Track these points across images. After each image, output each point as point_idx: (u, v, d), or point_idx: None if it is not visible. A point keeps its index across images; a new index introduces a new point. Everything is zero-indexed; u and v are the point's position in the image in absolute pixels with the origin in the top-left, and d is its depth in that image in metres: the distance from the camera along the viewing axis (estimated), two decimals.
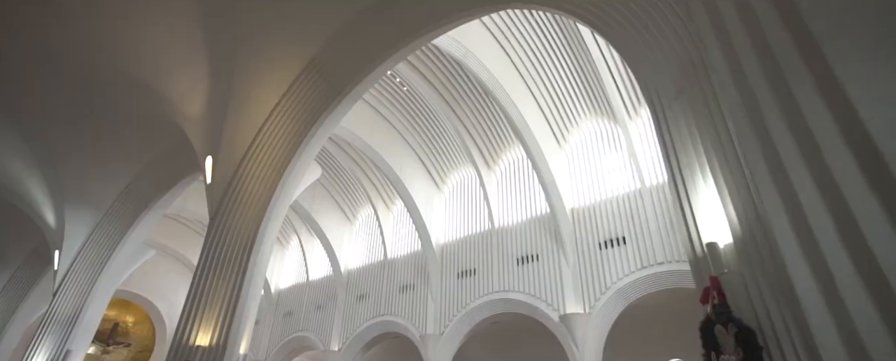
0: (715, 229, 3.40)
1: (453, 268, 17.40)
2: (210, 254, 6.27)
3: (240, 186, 6.81)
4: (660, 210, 13.26)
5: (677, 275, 12.29)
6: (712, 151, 3.31)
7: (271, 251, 7.03)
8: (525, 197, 16.82)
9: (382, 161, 17.25)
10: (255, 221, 6.68)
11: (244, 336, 6.06)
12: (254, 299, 6.34)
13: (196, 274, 6.07)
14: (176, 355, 5.66)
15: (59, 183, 9.75)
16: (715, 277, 3.12)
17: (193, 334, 5.73)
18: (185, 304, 6.04)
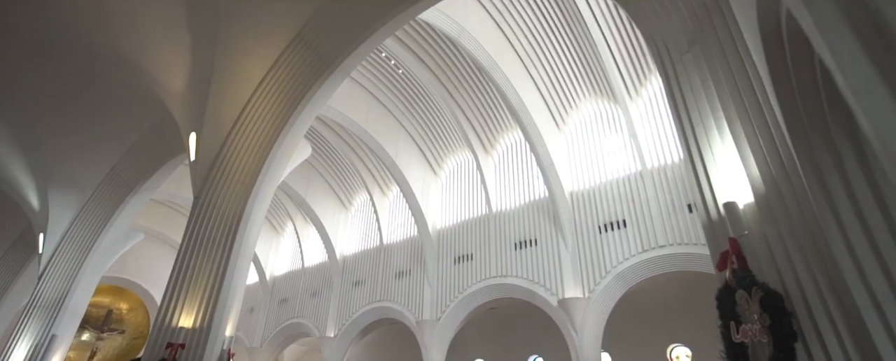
0: (732, 189, 3.14)
1: (450, 254, 17.21)
2: (194, 234, 6.02)
3: (225, 164, 6.53)
4: (661, 192, 13.04)
5: (678, 258, 12.12)
6: (731, 103, 3.03)
7: (259, 231, 6.78)
8: (523, 180, 16.58)
9: (377, 145, 16.95)
10: (241, 199, 6.41)
11: (230, 317, 5.84)
12: (240, 279, 6.11)
13: (179, 254, 5.83)
14: (158, 336, 5.44)
15: (42, 165, 9.44)
16: (734, 239, 2.85)
17: (176, 315, 5.50)
18: (168, 284, 5.81)
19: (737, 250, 2.80)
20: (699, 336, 14.52)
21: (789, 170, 2.58)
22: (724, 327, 2.92)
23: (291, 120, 6.79)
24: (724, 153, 3.24)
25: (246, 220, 6.32)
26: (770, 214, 2.68)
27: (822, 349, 2.28)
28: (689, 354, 14.77)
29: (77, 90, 8.06)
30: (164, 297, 5.67)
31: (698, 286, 14.24)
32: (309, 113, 7.07)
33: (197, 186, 6.59)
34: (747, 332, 2.53)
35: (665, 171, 13.16)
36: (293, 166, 8.24)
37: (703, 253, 11.67)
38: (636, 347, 15.46)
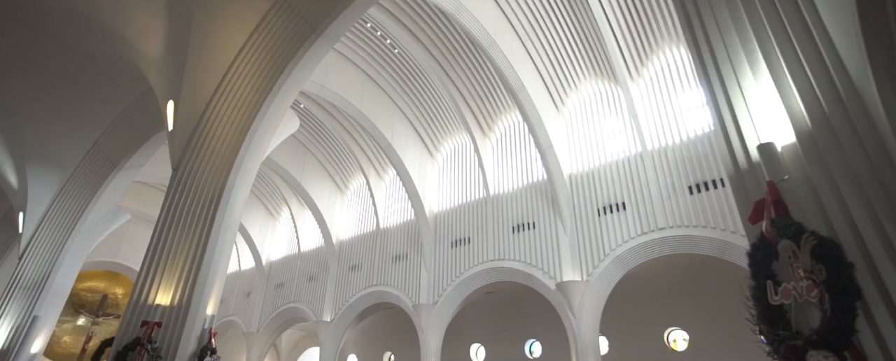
0: (766, 130, 2.74)
1: (447, 237, 16.89)
2: (172, 207, 5.63)
3: (205, 134, 6.12)
4: (662, 174, 12.67)
5: (678, 241, 11.80)
6: (767, 31, 2.62)
7: (244, 206, 6.41)
8: (521, 163, 16.19)
9: (373, 127, 16.49)
10: (223, 172, 6.01)
11: (212, 295, 5.49)
12: (223, 256, 5.75)
13: (156, 228, 5.45)
14: (133, 314, 5.08)
15: (18, 141, 9.01)
16: (773, 183, 2.43)
17: (153, 292, 5.15)
18: (144, 260, 5.45)
19: (776, 196, 2.40)
20: (697, 319, 14.29)
21: (848, 101, 2.18)
22: (757, 288, 2.54)
23: (275, 88, 6.34)
24: (757, 90, 2.84)
25: (228, 194, 5.93)
26: (817, 155, 2.30)
27: (887, 309, 1.92)
28: (687, 338, 14.55)
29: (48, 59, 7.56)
30: (139, 273, 5.30)
31: (697, 269, 14.00)
32: (294, 81, 6.62)
33: (175, 158, 6.18)
34: (790, 291, 2.15)
35: (666, 153, 12.78)
36: (280, 139, 7.84)
37: (703, 235, 11.36)
38: (634, 331, 15.23)
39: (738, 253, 10.79)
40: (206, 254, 5.51)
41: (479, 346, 19.30)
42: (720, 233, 11.08)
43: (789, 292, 2.16)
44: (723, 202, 11.27)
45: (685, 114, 13.01)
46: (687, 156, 12.34)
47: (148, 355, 4.74)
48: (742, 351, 13.41)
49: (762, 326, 2.39)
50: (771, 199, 2.38)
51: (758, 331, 2.61)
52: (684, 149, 12.47)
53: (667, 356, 14.53)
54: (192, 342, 5.17)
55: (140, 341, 4.82)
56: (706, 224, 11.39)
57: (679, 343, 14.66)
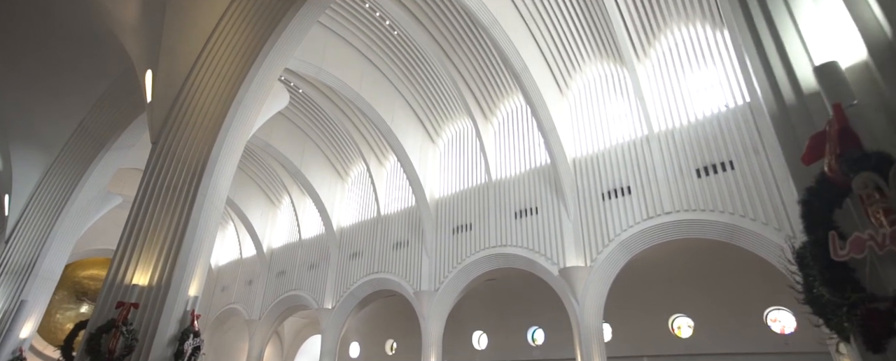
0: (821, 49, 2.27)
1: (448, 224, 16.51)
2: (151, 183, 5.25)
3: (187, 106, 5.71)
4: (668, 156, 12.21)
5: (685, 225, 11.37)
6: None
7: (229, 181, 6.02)
8: (524, 147, 15.73)
9: (373, 111, 16.03)
10: (205, 145, 5.61)
11: (195, 275, 5.13)
12: (206, 234, 5.38)
13: (135, 204, 5.08)
14: (108, 295, 4.73)
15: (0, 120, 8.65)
16: (840, 107, 1.95)
17: (130, 272, 4.79)
18: (121, 238, 5.09)
19: (844, 123, 1.92)
20: (702, 306, 13.90)
21: None
22: (814, 244, 2.08)
23: (260, 57, 5.89)
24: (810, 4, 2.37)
25: (212, 168, 5.53)
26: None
27: None
28: (692, 324, 14.19)
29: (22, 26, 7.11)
30: (116, 251, 4.94)
31: (704, 254, 13.58)
32: (281, 51, 6.16)
33: (155, 130, 5.79)
34: (864, 242, 1.69)
35: (673, 135, 12.30)
36: (269, 115, 7.43)
37: (711, 219, 10.93)
38: (638, 317, 14.88)
39: (746, 238, 10.37)
40: (187, 232, 5.14)
41: (482, 333, 19.03)
42: (729, 217, 10.65)
43: (863, 243, 1.71)
44: (732, 185, 10.82)
45: (693, 95, 12.51)
46: (695, 139, 11.87)
47: (123, 337, 4.40)
48: (747, 338, 13.09)
49: (824, 289, 1.93)
50: (837, 129, 1.92)
51: (807, 300, 2.18)
52: (692, 131, 11.99)
53: (671, 343, 14.19)
54: (173, 324, 4.82)
55: (115, 323, 4.48)
56: (714, 207, 10.95)
57: (683, 330, 14.30)
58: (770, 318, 12.91)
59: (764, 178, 10.40)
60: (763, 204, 10.22)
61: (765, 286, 12.72)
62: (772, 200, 10.12)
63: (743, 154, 10.88)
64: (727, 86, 11.82)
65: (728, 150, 11.18)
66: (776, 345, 12.33)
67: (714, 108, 11.90)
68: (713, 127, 11.63)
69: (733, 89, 11.67)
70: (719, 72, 12.12)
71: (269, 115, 7.70)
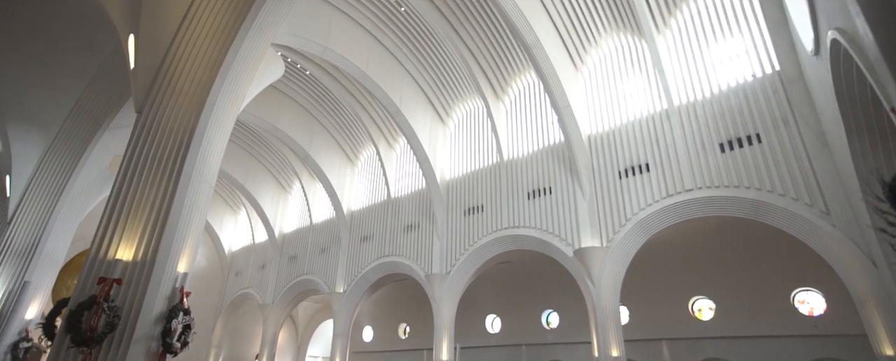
0: None
1: (460, 205, 16.12)
2: (136, 154, 4.95)
3: (172, 72, 5.37)
4: (689, 131, 11.56)
5: (707, 203, 10.77)
6: None
7: (220, 154, 5.70)
8: (537, 126, 15.17)
9: (380, 91, 15.58)
10: (192, 114, 5.29)
11: (184, 251, 4.85)
12: (196, 208, 5.07)
13: (118, 176, 4.80)
14: (91, 271, 4.47)
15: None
16: None
17: (113, 247, 4.52)
18: (104, 211, 4.81)
19: None
20: (725, 287, 13.33)
21: None
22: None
23: (249, 20, 5.51)
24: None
25: (199, 139, 5.20)
26: None
27: None
28: (713, 307, 13.65)
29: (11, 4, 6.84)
30: (98, 225, 4.67)
31: (727, 233, 12.92)
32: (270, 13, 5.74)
33: (139, 99, 5.47)
34: None
35: (695, 109, 11.63)
36: (263, 85, 7.07)
37: (735, 195, 10.32)
38: (656, 300, 14.37)
39: (774, 214, 9.75)
40: (173, 206, 4.83)
41: (495, 317, 18.74)
42: (755, 193, 10.03)
43: None
44: (759, 159, 10.17)
45: (717, 66, 11.78)
46: (718, 112, 11.19)
47: (105, 315, 4.14)
48: (773, 320, 12.51)
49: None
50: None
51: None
52: (715, 104, 11.31)
53: (691, 325, 13.68)
54: (161, 301, 4.55)
55: (96, 299, 4.22)
56: (739, 183, 10.33)
57: (704, 313, 13.78)
58: (797, 299, 12.31)
59: (794, 151, 9.73)
60: (793, 178, 9.58)
61: (793, 265, 12.10)
62: (802, 174, 9.48)
63: (771, 126, 10.19)
64: (754, 55, 11.07)
65: (755, 123, 10.50)
66: (804, 328, 11.75)
67: (739, 79, 11.19)
68: (738, 98, 10.94)
69: (761, 58, 10.93)
70: (746, 41, 11.36)
71: (264, 86, 7.35)
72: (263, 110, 17.91)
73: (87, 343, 4.05)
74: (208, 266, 25.23)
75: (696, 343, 13.28)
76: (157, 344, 4.41)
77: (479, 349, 18.14)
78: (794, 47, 9.35)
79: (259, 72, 6.66)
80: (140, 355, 4.29)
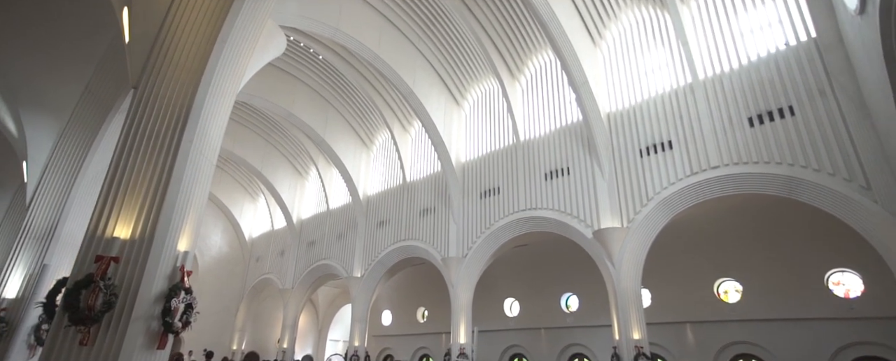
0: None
1: (476, 188, 15.81)
2: (132, 130, 4.80)
3: (168, 45, 5.17)
4: (716, 105, 10.93)
5: (734, 180, 10.20)
6: None
7: (221, 130, 5.51)
8: (554, 105, 14.66)
9: (393, 73, 15.24)
10: (189, 88, 5.10)
11: (184, 229, 4.71)
12: (196, 185, 4.91)
13: (115, 153, 4.67)
14: (88, 249, 4.37)
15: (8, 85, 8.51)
16: None
17: (111, 225, 4.40)
18: (101, 188, 4.70)
19: None
20: (752, 268, 12.74)
21: None
22: None
23: None
24: None
25: (197, 114, 5.02)
26: None
27: None
28: (740, 288, 13.11)
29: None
30: (96, 203, 4.55)
31: (754, 212, 12.25)
32: None
33: (135, 74, 5.31)
34: None
35: (722, 81, 10.98)
36: (264, 59, 6.86)
37: (765, 172, 9.72)
38: (680, 282, 13.88)
39: (808, 191, 9.14)
40: (171, 183, 4.67)
41: (513, 301, 18.52)
42: (787, 169, 9.43)
43: None
44: (791, 132, 9.53)
45: (746, 36, 11.07)
46: (747, 84, 10.53)
47: (102, 293, 4.03)
48: (805, 303, 11.90)
49: None
50: None
51: None
52: (744, 76, 10.65)
53: (717, 308, 13.18)
54: (160, 280, 4.42)
55: (93, 278, 4.11)
56: (769, 159, 9.73)
57: (731, 295, 13.25)
58: (832, 281, 11.68)
59: (831, 123, 9.08)
60: (830, 152, 8.95)
61: (827, 245, 11.46)
62: (841, 147, 8.84)
63: (805, 97, 9.52)
64: (787, 23, 10.34)
65: (787, 94, 9.83)
66: (839, 310, 11.15)
67: (770, 49, 10.48)
68: (769, 69, 10.26)
69: (795, 25, 10.19)
70: (778, 8, 10.61)
71: (265, 61, 7.13)
72: (277, 95, 17.83)
73: (84, 322, 3.95)
74: (230, 252, 25.64)
75: (722, 325, 12.80)
76: (157, 324, 4.30)
77: (497, 332, 18.00)
78: (833, 10, 8.64)
79: (260, 46, 6.44)
80: (140, 334, 4.18)
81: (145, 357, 4.21)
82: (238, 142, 21.03)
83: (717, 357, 12.75)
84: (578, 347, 15.96)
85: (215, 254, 24.92)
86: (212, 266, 24.58)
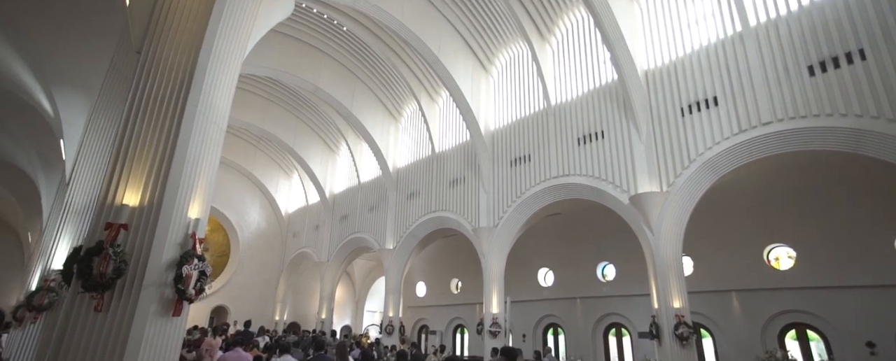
0: None
1: (506, 156, 15.32)
2: (138, 95, 4.67)
3: (169, 7, 4.97)
4: (769, 55, 9.88)
5: (789, 136, 9.25)
6: None
7: (229, 96, 5.32)
8: (587, 66, 13.79)
9: (417, 40, 14.67)
10: (191, 51, 4.91)
11: (194, 196, 4.60)
12: (205, 151, 4.76)
13: (122, 120, 4.58)
14: (100, 217, 4.33)
15: (38, 64, 8.69)
16: None
17: (120, 192, 4.34)
18: (110, 155, 4.65)
19: None
20: (808, 233, 11.77)
21: None
22: None
23: None
24: None
25: (200, 77, 4.83)
26: None
27: None
28: (793, 255, 12.19)
29: None
30: (106, 171, 4.50)
31: (812, 171, 11.10)
32: None
33: (137, 38, 5.16)
34: None
35: (777, 27, 9.87)
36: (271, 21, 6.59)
37: (827, 125, 8.74)
38: (725, 248, 13.06)
39: (879, 144, 8.14)
40: (177, 148, 4.53)
41: (548, 271, 18.18)
42: (854, 121, 8.43)
43: None
44: (861, 80, 8.45)
45: None
46: (808, 28, 9.41)
47: (112, 260, 3.99)
48: (869, 269, 10.87)
49: None
50: None
51: None
52: (804, 19, 9.51)
53: (766, 276, 12.35)
54: (172, 247, 4.35)
55: (103, 245, 4.07)
56: (833, 110, 8.73)
57: (783, 261, 12.37)
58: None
59: None
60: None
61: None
62: None
63: (880, 37, 8.36)
64: None
65: (856, 37, 8.71)
66: None
67: None
68: (835, 9, 9.09)
69: None
70: None
71: (272, 24, 6.85)
72: (303, 70, 17.71)
73: (97, 288, 3.94)
74: (268, 228, 26.38)
75: (773, 294, 12.01)
76: (171, 291, 4.25)
77: (531, 302, 17.78)
78: None
79: (264, 7, 6.16)
80: (153, 301, 4.13)
81: (160, 323, 4.18)
82: (269, 120, 21.24)
83: (766, 326, 12.04)
84: (615, 317, 15.53)
85: (254, 230, 25.70)
86: (251, 241, 25.40)
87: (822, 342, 11.26)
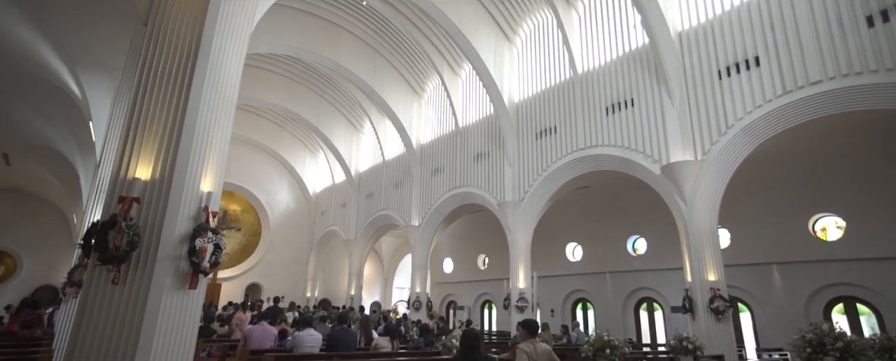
0: None
1: (531, 129, 14.88)
2: (146, 69, 4.62)
3: None
4: (820, 7, 9.03)
5: (841, 96, 8.49)
6: None
7: (238, 68, 5.19)
8: (615, 31, 13.07)
9: (439, 12, 14.20)
10: (197, 21, 4.80)
11: (206, 169, 4.56)
12: (214, 124, 4.68)
13: (132, 94, 4.55)
14: (114, 191, 4.35)
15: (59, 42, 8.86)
16: None
17: (132, 166, 4.33)
18: (122, 129, 4.64)
19: None
20: (859, 201, 10.99)
21: None
22: None
23: None
24: None
25: (207, 49, 4.72)
26: None
27: None
28: (843, 225, 11.45)
29: None
30: (119, 145, 4.50)
31: (864, 134, 10.26)
32: None
33: (143, 9, 5.08)
34: None
35: None
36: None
37: (887, 82, 8.00)
38: (765, 219, 12.39)
39: None
40: (186, 121, 4.47)
41: (576, 245, 17.86)
42: None
43: None
44: None
45: None
46: None
47: (126, 234, 4.00)
48: None
49: None
50: None
51: None
52: None
53: (811, 247, 11.66)
54: (185, 221, 4.33)
55: (117, 218, 4.09)
56: (893, 65, 7.95)
57: (831, 232, 11.65)
58: None
59: None
60: None
61: None
62: None
63: None
64: None
65: None
66: None
67: None
68: None
69: None
70: None
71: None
72: (324, 47, 17.57)
73: (113, 261, 3.98)
74: (297, 207, 26.89)
75: (820, 266, 11.35)
76: (186, 264, 4.26)
77: (560, 277, 17.57)
78: None
79: None
80: (168, 274, 4.14)
81: (177, 296, 4.20)
82: (293, 99, 21.33)
83: (811, 300, 11.45)
84: (647, 291, 15.16)
85: (283, 210, 26.24)
86: (281, 220, 25.96)
87: (874, 316, 10.63)
